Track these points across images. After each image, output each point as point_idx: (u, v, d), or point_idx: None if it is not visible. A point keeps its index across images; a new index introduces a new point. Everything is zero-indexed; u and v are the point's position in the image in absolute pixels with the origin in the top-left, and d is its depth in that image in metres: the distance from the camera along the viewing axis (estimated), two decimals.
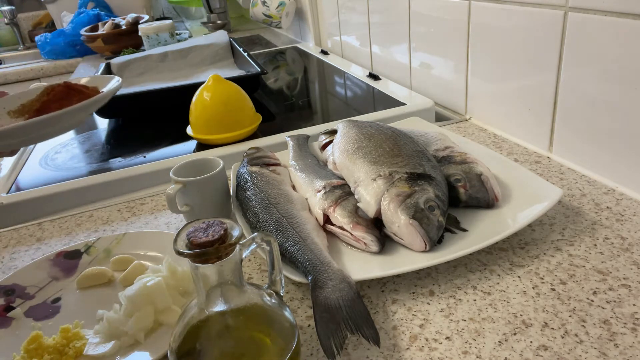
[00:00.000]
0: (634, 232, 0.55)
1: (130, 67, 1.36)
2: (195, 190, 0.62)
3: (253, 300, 0.39)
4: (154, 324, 0.48)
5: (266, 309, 0.40)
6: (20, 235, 0.72)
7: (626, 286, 0.47)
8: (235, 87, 0.89)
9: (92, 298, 0.55)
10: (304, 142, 0.78)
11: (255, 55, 1.63)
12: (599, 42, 0.61)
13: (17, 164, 0.92)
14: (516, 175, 0.62)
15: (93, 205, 0.78)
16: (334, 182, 0.62)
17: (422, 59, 1.05)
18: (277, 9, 1.68)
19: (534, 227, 0.58)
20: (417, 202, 0.53)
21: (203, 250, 0.35)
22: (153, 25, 1.78)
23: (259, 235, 0.40)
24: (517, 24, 0.74)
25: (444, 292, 0.49)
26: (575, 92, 0.67)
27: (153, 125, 1.06)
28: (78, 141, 1.02)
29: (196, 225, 0.37)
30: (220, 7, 2.23)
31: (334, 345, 0.41)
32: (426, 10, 0.97)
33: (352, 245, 0.55)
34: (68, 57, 2.18)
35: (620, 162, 0.63)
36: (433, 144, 0.68)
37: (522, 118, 0.78)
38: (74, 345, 0.47)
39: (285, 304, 0.42)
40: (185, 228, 0.37)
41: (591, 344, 0.41)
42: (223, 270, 0.37)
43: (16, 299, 0.55)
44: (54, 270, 0.59)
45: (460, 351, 0.42)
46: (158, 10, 2.75)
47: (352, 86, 1.17)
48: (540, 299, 0.47)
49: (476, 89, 0.89)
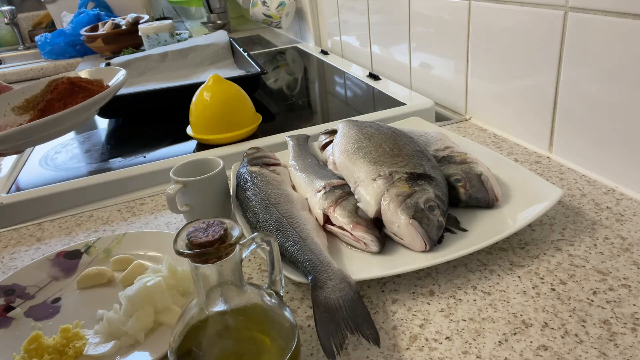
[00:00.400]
0: (634, 232, 0.55)
1: (130, 67, 1.35)
2: (195, 190, 0.62)
3: (253, 300, 0.39)
4: (154, 324, 0.48)
5: (266, 309, 0.40)
6: (20, 235, 0.72)
7: (626, 286, 0.47)
8: (235, 87, 0.89)
9: (92, 298, 0.55)
10: (304, 142, 0.78)
11: (255, 55, 1.63)
12: (599, 42, 0.61)
13: (17, 164, 0.92)
14: (516, 175, 0.62)
15: (93, 205, 0.78)
16: (334, 182, 0.62)
17: (422, 59, 1.05)
18: (277, 9, 1.68)
19: (534, 227, 0.58)
20: (417, 202, 0.53)
21: (203, 250, 0.35)
22: (153, 25, 1.78)
23: (259, 235, 0.40)
24: (517, 24, 0.74)
25: (444, 292, 0.49)
26: (575, 92, 0.67)
27: (153, 125, 1.06)
28: (78, 141, 1.02)
29: (196, 225, 0.37)
30: (220, 7, 2.23)
31: (334, 345, 0.41)
32: (426, 10, 0.97)
33: (352, 245, 0.55)
34: (68, 57, 2.18)
35: (620, 162, 0.63)
36: (433, 144, 0.68)
37: (522, 118, 0.78)
38: (74, 345, 0.47)
39: (285, 304, 0.42)
40: (185, 228, 0.37)
41: (591, 344, 0.41)
42: (223, 270, 0.37)
43: (16, 299, 0.55)
44: (54, 270, 0.59)
45: (460, 351, 0.42)
46: (158, 10, 2.75)
47: (352, 86, 1.17)
48: (540, 299, 0.47)
49: (476, 89, 0.89)
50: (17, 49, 2.71)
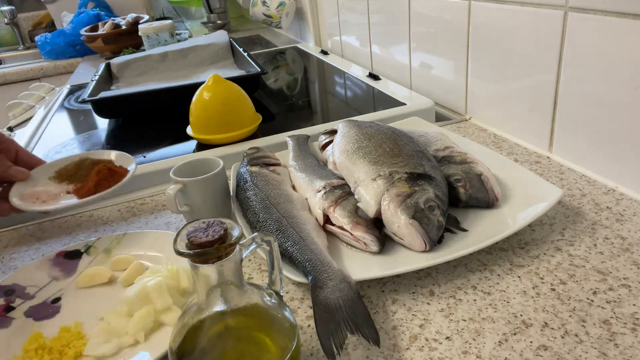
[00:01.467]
0: (634, 232, 0.55)
1: (130, 67, 1.36)
2: (195, 190, 0.62)
3: (253, 300, 0.39)
4: (154, 324, 0.48)
5: (266, 309, 0.40)
6: (20, 235, 0.72)
7: (626, 286, 0.47)
8: (235, 87, 0.89)
9: (92, 298, 0.55)
10: (304, 142, 0.78)
11: (255, 55, 1.63)
12: (599, 42, 0.61)
13: None
14: (516, 175, 0.62)
15: (93, 205, 0.77)
16: (334, 182, 0.62)
17: (422, 59, 1.05)
18: (277, 9, 1.68)
19: (534, 227, 0.58)
20: (417, 202, 0.53)
21: (203, 250, 0.35)
22: (153, 25, 1.78)
23: (259, 235, 0.40)
24: (517, 24, 0.74)
25: (444, 292, 0.49)
26: (575, 92, 0.67)
27: (153, 125, 1.06)
28: (78, 141, 1.02)
29: (196, 225, 0.37)
30: (220, 7, 2.23)
31: (334, 345, 0.41)
32: (426, 10, 0.97)
33: (352, 245, 0.55)
34: (68, 57, 2.18)
35: (620, 162, 0.63)
36: (433, 144, 0.68)
37: (522, 118, 0.78)
38: (74, 345, 0.47)
39: (285, 304, 0.42)
40: (185, 228, 0.37)
41: (591, 344, 0.41)
42: (223, 270, 0.37)
43: (16, 299, 0.55)
44: (54, 270, 0.59)
45: (460, 351, 0.42)
46: (158, 10, 2.76)
47: (352, 86, 1.17)
48: (540, 299, 0.47)
49: (476, 89, 0.89)
50: (17, 49, 2.71)
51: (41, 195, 0.68)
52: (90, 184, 0.69)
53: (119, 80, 1.34)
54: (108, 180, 0.70)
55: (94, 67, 1.82)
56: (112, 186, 0.69)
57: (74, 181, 0.71)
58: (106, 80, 1.30)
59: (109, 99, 1.06)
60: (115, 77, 1.36)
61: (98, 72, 1.27)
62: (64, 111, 1.26)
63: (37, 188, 0.69)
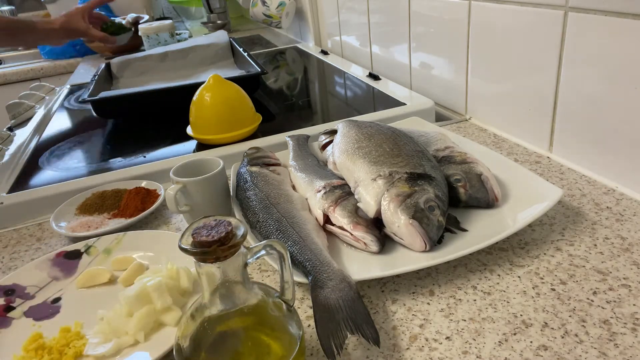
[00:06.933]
0: (634, 232, 0.55)
1: (130, 67, 1.36)
2: (195, 190, 0.62)
3: (257, 301, 0.39)
4: (154, 324, 0.48)
5: (270, 310, 0.40)
6: (20, 235, 0.72)
7: (626, 286, 0.47)
8: (235, 87, 0.89)
9: (92, 298, 0.55)
10: (304, 142, 0.78)
11: (255, 55, 1.63)
12: (599, 42, 0.61)
13: (17, 163, 0.92)
14: (516, 175, 0.62)
15: None
16: (334, 182, 0.62)
17: (422, 59, 1.05)
18: (277, 9, 1.68)
19: (534, 227, 0.58)
20: (417, 202, 0.53)
21: (201, 249, 0.35)
22: (153, 25, 1.78)
23: (269, 243, 0.39)
24: (517, 24, 0.74)
25: (444, 292, 0.49)
26: (575, 92, 0.67)
27: (153, 125, 1.06)
28: (78, 141, 1.02)
29: (206, 221, 0.37)
30: (220, 7, 2.23)
31: (334, 345, 0.41)
32: (426, 10, 0.97)
33: (352, 245, 0.55)
34: (68, 57, 2.18)
35: (620, 162, 0.63)
36: (433, 144, 0.68)
37: (522, 118, 0.78)
38: (74, 345, 0.47)
39: (295, 313, 0.41)
40: (195, 223, 0.37)
41: (591, 344, 0.41)
42: (227, 270, 0.37)
43: (16, 299, 0.55)
44: (54, 270, 0.59)
45: (460, 351, 0.42)
46: (158, 10, 2.75)
47: (352, 86, 1.17)
48: (540, 299, 0.47)
49: (476, 89, 0.89)
50: (17, 49, 2.71)
51: (91, 224, 0.69)
52: (137, 203, 0.72)
53: (119, 80, 1.35)
54: (146, 199, 0.73)
55: (94, 67, 1.82)
56: (154, 203, 0.72)
57: (104, 211, 0.72)
58: (106, 80, 1.30)
59: (109, 99, 1.06)
60: (115, 77, 1.36)
61: (98, 72, 1.27)
62: (64, 111, 1.26)
63: (81, 219, 0.71)
